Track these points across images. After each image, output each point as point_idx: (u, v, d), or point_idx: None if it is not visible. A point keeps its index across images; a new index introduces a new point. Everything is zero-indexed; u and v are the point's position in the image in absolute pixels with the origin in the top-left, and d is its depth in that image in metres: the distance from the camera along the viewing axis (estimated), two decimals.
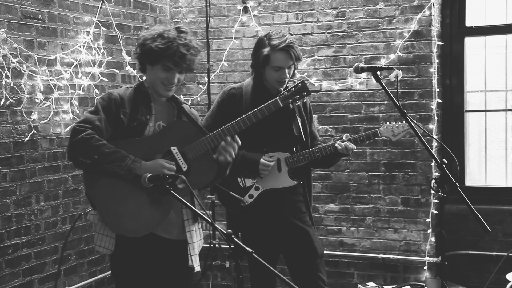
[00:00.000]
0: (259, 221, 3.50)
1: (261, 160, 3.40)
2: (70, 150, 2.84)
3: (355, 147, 3.46)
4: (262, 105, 3.12)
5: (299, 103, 3.20)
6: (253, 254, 2.27)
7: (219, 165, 3.02)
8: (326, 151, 3.46)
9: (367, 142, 3.68)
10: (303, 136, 3.49)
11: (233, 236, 2.29)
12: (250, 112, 3.09)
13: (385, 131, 3.57)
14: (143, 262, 2.97)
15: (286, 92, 3.18)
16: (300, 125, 3.49)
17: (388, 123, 3.60)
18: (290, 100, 3.18)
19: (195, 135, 2.97)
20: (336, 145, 3.43)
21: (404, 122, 3.52)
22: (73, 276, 4.38)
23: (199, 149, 2.95)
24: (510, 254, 4.38)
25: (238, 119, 3.05)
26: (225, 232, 2.31)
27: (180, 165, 2.91)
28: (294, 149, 3.48)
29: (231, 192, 3.43)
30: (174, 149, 2.93)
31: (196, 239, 3.06)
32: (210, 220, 2.43)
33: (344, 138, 3.48)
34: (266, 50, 3.33)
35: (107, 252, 2.96)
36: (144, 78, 3.05)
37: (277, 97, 3.15)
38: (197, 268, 3.03)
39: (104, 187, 2.86)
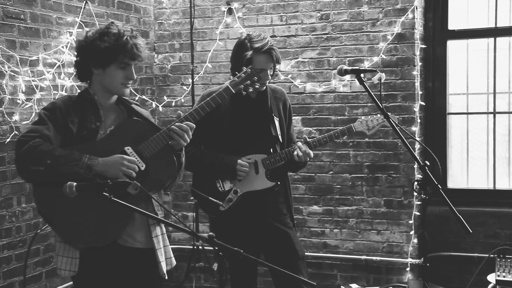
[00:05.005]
0: (240, 224, 3.50)
1: (239, 160, 3.41)
2: (19, 162, 2.67)
3: (311, 152, 3.46)
4: (214, 93, 3.03)
5: (251, 89, 3.11)
6: (242, 252, 2.27)
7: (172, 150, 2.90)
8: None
9: (343, 138, 3.68)
10: (280, 136, 3.50)
11: (215, 238, 2.27)
12: (202, 102, 3.00)
13: (359, 125, 3.59)
14: (112, 278, 2.85)
15: (236, 79, 3.10)
16: (278, 125, 3.51)
17: (363, 117, 3.63)
18: (242, 86, 3.08)
19: (148, 132, 2.85)
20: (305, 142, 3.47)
21: (378, 115, 3.55)
22: (54, 279, 4.34)
23: (154, 145, 2.82)
24: (491, 255, 4.42)
25: (191, 110, 2.97)
26: (206, 237, 2.27)
27: (137, 165, 2.79)
28: (271, 150, 3.49)
29: (209, 197, 3.41)
30: (128, 149, 2.80)
31: (163, 245, 2.95)
32: (175, 224, 2.40)
33: (304, 139, 3.48)
34: (249, 54, 3.35)
35: (70, 274, 2.81)
36: (87, 85, 2.91)
37: (227, 84, 3.08)
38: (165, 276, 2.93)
39: (58, 199, 2.64)
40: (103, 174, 2.68)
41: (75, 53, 2.89)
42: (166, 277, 2.92)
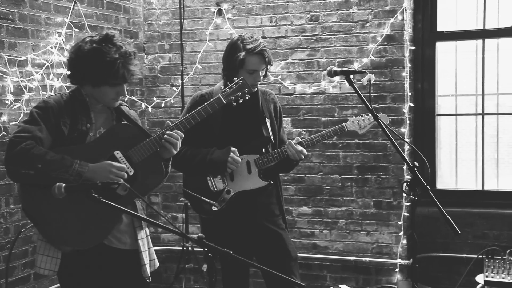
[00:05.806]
0: (232, 225, 3.50)
1: (232, 154, 3.40)
2: (10, 164, 2.65)
3: (304, 150, 3.47)
4: (206, 103, 3.07)
5: (241, 100, 3.15)
6: (232, 253, 2.26)
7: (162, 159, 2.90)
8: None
9: (334, 138, 3.67)
10: (272, 137, 3.51)
11: (204, 239, 2.27)
12: (194, 111, 3.03)
13: (351, 125, 3.61)
14: (96, 278, 2.83)
15: (227, 89, 3.13)
16: (269, 126, 3.52)
17: (354, 117, 3.65)
18: (233, 97, 3.11)
19: (138, 138, 2.84)
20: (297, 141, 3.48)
21: (370, 114, 3.56)
22: (42, 280, 4.31)
23: (144, 152, 2.83)
24: (480, 256, 4.44)
25: (182, 118, 2.98)
26: (196, 238, 2.26)
27: (126, 171, 2.78)
28: (263, 150, 3.50)
29: (202, 197, 3.41)
30: (117, 153, 2.79)
31: (147, 247, 2.95)
32: (163, 225, 2.39)
33: (297, 140, 3.49)
34: (242, 54, 3.36)
35: (49, 274, 2.80)
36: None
37: (219, 95, 3.12)
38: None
39: (44, 200, 2.66)
40: (92, 180, 2.67)
41: (68, 61, 2.85)
42: (150, 280, 2.92)
